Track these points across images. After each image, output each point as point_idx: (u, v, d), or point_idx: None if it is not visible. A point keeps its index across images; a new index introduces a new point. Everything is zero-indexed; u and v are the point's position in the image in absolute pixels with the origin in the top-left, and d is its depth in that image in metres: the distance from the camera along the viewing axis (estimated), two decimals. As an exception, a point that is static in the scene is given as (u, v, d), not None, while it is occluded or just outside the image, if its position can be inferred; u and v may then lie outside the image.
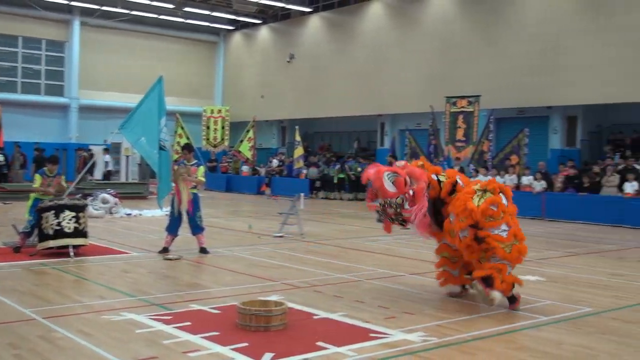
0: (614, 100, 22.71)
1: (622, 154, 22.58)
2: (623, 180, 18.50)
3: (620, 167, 20.05)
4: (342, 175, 27.44)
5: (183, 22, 37.04)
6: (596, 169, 19.95)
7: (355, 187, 26.60)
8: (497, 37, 25.42)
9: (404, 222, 7.77)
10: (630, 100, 22.28)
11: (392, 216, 7.73)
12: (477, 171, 21.70)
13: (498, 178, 20.73)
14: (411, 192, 7.53)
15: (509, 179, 20.70)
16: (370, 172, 7.74)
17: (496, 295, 7.30)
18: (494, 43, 25.49)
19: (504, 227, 7.36)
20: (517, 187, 20.43)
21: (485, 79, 25.22)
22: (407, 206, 7.55)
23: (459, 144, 23.53)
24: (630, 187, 18.09)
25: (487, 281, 7.31)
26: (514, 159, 21.86)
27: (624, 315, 7.41)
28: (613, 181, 18.66)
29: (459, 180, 7.92)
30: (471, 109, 23.43)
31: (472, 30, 26.40)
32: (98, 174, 28.30)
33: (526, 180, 20.55)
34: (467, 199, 7.48)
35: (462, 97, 23.72)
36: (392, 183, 7.50)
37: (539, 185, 19.89)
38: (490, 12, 25.80)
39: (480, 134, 23.02)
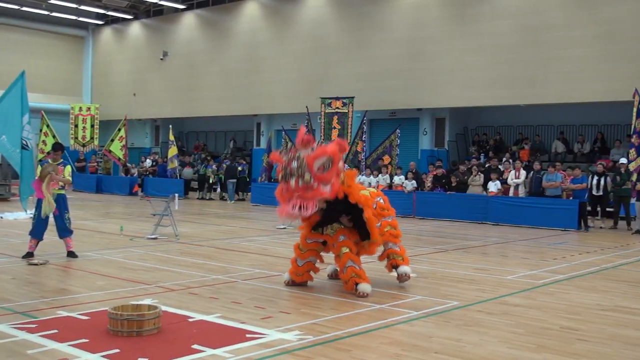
0: (477, 104, 24.02)
1: (486, 155, 23.90)
2: (487, 179, 19.54)
3: (484, 167, 21.21)
4: (220, 176, 27.13)
5: (48, 14, 35.31)
6: (463, 168, 20.94)
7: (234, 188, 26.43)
8: (369, 40, 26.13)
9: (299, 183, 7.71)
10: (492, 104, 23.64)
11: (292, 171, 7.68)
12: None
13: (371, 178, 21.33)
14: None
15: (382, 179, 21.31)
16: (330, 148, 7.80)
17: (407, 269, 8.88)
18: (366, 46, 26.18)
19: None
20: (390, 186, 21.09)
21: (359, 81, 25.87)
22: (314, 184, 7.66)
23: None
24: (493, 186, 19.13)
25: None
26: (386, 159, 22.55)
27: (488, 307, 7.84)
28: (478, 180, 19.66)
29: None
30: (345, 110, 23.94)
31: (345, 32, 26.98)
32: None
33: (398, 179, 21.23)
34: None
35: (337, 99, 24.19)
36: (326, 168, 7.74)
37: (410, 185, 20.60)
38: (362, 15, 26.47)
39: (354, 134, 23.56)
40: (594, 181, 18.10)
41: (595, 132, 23.63)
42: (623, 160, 18.53)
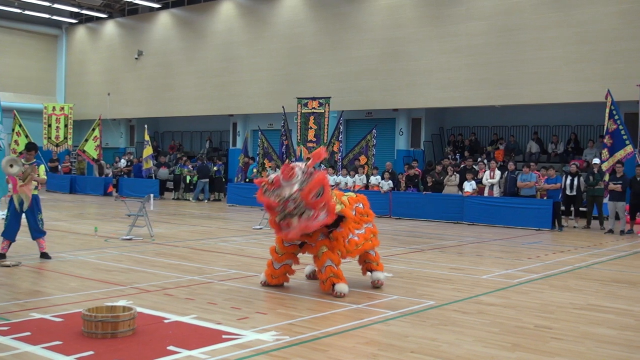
0: (453, 104, 24.19)
1: (461, 155, 24.07)
2: (463, 179, 19.67)
3: (460, 167, 21.35)
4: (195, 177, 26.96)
5: (21, 12, 34.87)
6: (439, 168, 21.03)
7: (210, 188, 26.29)
8: (346, 40, 26.18)
9: (295, 218, 7.82)
10: (467, 104, 23.83)
11: (292, 211, 7.78)
12: (326, 171, 22.20)
13: (348, 178, 21.38)
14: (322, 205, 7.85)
15: (358, 179, 21.36)
16: (319, 177, 7.89)
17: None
18: (342, 46, 26.23)
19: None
20: (366, 186, 21.16)
21: (335, 81, 25.91)
22: (308, 212, 7.77)
23: (310, 145, 23.97)
24: (469, 186, 19.27)
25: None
26: (362, 159, 22.60)
27: (463, 307, 7.89)
28: (454, 180, 19.79)
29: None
30: (322, 110, 23.95)
31: (321, 32, 27.00)
32: None
33: (374, 180, 21.30)
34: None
35: (313, 99, 24.20)
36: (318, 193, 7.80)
37: (387, 185, 20.68)
38: (338, 16, 26.52)
39: (331, 134, 23.59)
40: (568, 181, 18.31)
41: (569, 133, 23.92)
42: (596, 161, 18.78)
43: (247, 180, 24.94)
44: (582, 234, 16.99)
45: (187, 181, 26.81)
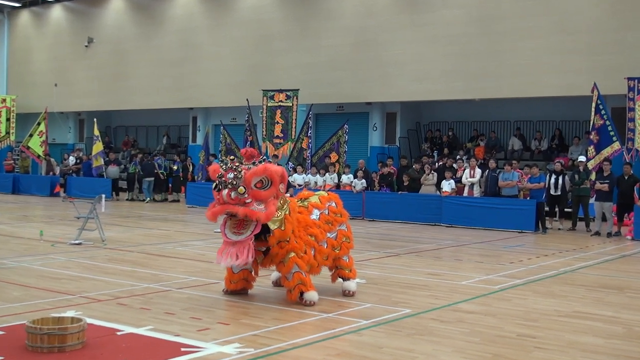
0: (430, 98, 24.36)
1: (439, 152, 24.25)
2: (441, 178, 19.81)
3: (438, 165, 21.50)
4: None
5: (-44, -5, 34.27)
6: (417, 166, 21.13)
7: (166, 187, 26.11)
8: (315, 28, 26.20)
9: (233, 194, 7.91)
10: (445, 97, 24.02)
11: (227, 181, 7.92)
12: (295, 169, 22.22)
13: (318, 177, 21.40)
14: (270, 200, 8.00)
15: (329, 178, 21.39)
16: (273, 167, 8.14)
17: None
18: (311, 35, 26.24)
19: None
20: (338, 186, 21.19)
21: (304, 72, 25.90)
22: (248, 199, 7.89)
23: (277, 141, 23.96)
24: (447, 186, 19.41)
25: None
26: (333, 156, 22.64)
27: (442, 315, 7.95)
28: (431, 179, 19.93)
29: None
30: (289, 104, 23.95)
31: (289, 19, 26.98)
32: None
33: (346, 179, 21.34)
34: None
35: (280, 91, 24.18)
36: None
37: (360, 184, 20.74)
38: (307, 1, 26.56)
39: (299, 130, 23.58)
40: (552, 180, 18.51)
41: (553, 129, 24.24)
42: (582, 158, 19.05)
43: (208, 180, 24.77)
44: (567, 237, 17.23)
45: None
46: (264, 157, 22.51)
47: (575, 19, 21.20)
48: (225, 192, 7.93)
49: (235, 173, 7.94)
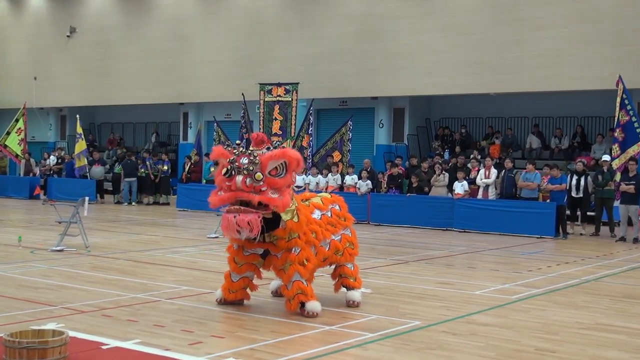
0: (441, 92, 24.36)
1: (451, 151, 24.22)
2: (453, 179, 19.78)
3: (449, 165, 21.47)
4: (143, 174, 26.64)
5: None
6: (425, 166, 21.11)
7: (157, 189, 26.10)
8: (315, 17, 26.19)
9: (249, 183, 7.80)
10: (457, 92, 23.99)
11: (240, 166, 7.76)
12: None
13: (319, 178, 21.39)
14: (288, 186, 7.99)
15: (332, 179, 21.38)
16: (287, 150, 8.19)
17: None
18: (312, 23, 26.23)
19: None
20: (341, 187, 21.17)
21: (304, 65, 25.89)
22: (264, 187, 7.76)
23: (275, 139, 23.92)
24: (460, 187, 19.38)
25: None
26: (336, 155, 22.62)
27: (454, 327, 7.96)
28: (442, 181, 19.91)
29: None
30: (288, 98, 23.94)
31: (288, 7, 27.00)
32: None
33: (350, 180, 21.33)
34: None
35: (279, 85, 24.16)
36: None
37: (365, 186, 20.74)
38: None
39: (299, 127, 23.58)
40: (574, 181, 18.47)
41: (574, 125, 24.22)
42: (606, 158, 19.03)
43: (206, 181, 24.69)
44: (590, 242, 17.23)
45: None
46: (278, 142, 22.48)
47: (600, 6, 21.18)
48: (239, 178, 7.71)
49: (251, 158, 7.78)
